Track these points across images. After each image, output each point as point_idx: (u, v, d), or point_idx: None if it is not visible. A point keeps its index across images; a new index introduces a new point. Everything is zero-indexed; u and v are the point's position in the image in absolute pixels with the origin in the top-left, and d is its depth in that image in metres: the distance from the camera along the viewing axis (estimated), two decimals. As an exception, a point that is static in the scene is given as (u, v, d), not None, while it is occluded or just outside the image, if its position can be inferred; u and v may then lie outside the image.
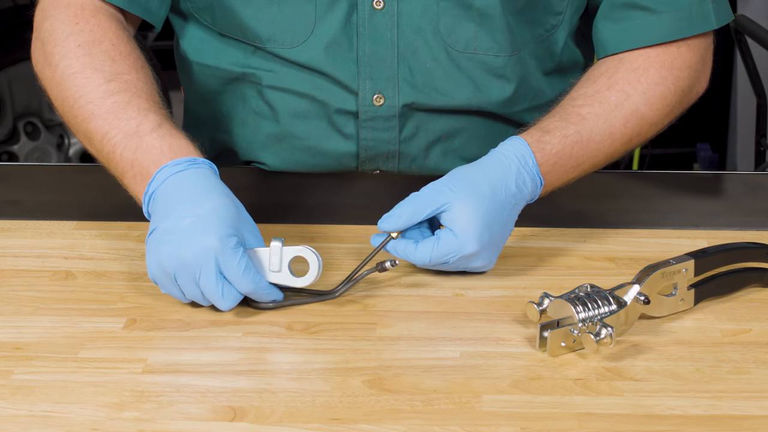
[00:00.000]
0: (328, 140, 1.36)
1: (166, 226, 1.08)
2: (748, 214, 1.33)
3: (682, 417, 0.94)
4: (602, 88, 1.26)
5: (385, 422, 0.93)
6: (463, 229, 1.13)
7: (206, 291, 1.07)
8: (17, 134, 2.98)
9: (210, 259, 1.06)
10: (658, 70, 1.28)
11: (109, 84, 1.20)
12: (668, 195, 1.37)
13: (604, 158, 1.26)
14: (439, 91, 1.34)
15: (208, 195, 1.10)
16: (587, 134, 1.24)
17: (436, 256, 1.13)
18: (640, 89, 1.26)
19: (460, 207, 1.14)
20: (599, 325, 1.01)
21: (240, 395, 0.96)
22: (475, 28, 1.31)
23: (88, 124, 1.19)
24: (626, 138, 1.26)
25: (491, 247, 1.15)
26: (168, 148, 1.14)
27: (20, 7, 2.87)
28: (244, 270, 1.07)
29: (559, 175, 1.23)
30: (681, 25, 1.29)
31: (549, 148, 1.21)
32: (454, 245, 1.13)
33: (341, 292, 1.13)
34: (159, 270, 1.08)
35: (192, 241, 1.06)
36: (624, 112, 1.26)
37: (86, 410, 0.94)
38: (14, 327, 1.08)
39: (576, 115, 1.24)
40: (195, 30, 1.39)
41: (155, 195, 1.12)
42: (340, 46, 1.32)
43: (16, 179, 1.44)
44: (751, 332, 1.07)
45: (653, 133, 1.30)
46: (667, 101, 1.28)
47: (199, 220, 1.07)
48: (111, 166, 1.19)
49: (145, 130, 1.16)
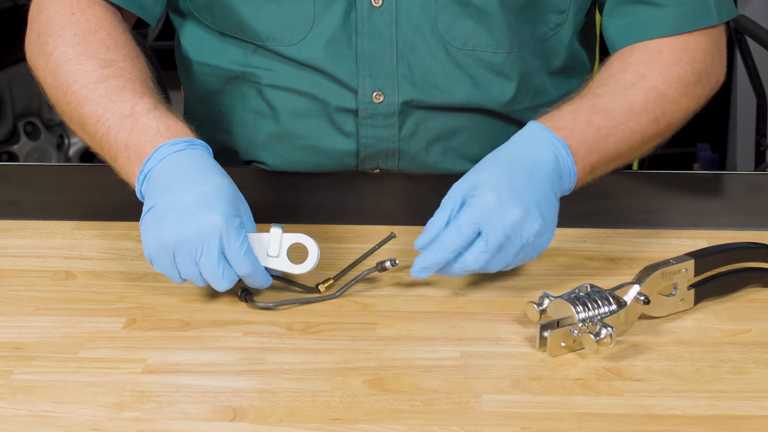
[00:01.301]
0: (328, 138, 1.36)
1: (166, 204, 1.07)
2: (748, 214, 1.33)
3: (682, 417, 0.94)
4: (616, 71, 1.25)
5: (385, 422, 0.93)
6: (493, 195, 1.07)
7: (206, 270, 1.06)
8: (17, 134, 2.98)
9: (213, 238, 1.05)
10: (672, 52, 1.27)
11: (104, 70, 1.20)
12: (668, 195, 1.37)
13: (632, 134, 1.21)
14: (438, 89, 1.34)
15: (209, 174, 1.09)
16: (604, 106, 1.20)
17: (465, 223, 1.07)
18: (655, 69, 1.25)
19: (481, 182, 1.09)
20: (599, 325, 1.01)
21: (240, 395, 0.96)
22: (473, 25, 1.32)
23: (81, 108, 1.19)
24: (651, 115, 1.23)
25: (521, 195, 1.08)
26: (165, 128, 1.13)
27: (20, 6, 2.87)
28: (246, 251, 1.06)
29: (583, 142, 1.16)
30: (685, 19, 1.28)
31: (559, 115, 1.17)
32: (492, 219, 1.07)
33: (342, 292, 1.13)
34: (157, 247, 1.07)
35: (195, 218, 1.05)
36: (642, 90, 1.23)
37: (86, 410, 0.94)
38: (14, 327, 1.08)
39: (590, 93, 1.22)
40: (195, 29, 1.39)
41: (151, 174, 1.11)
42: (339, 44, 1.32)
43: (16, 179, 1.44)
44: (751, 332, 1.07)
45: (680, 116, 1.26)
46: (684, 80, 1.26)
47: (202, 198, 1.06)
48: (104, 149, 1.18)
49: (140, 112, 1.15)
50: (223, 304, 1.12)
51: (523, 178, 1.10)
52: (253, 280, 1.09)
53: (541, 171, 1.12)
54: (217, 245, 1.05)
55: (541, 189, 1.11)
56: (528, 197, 1.09)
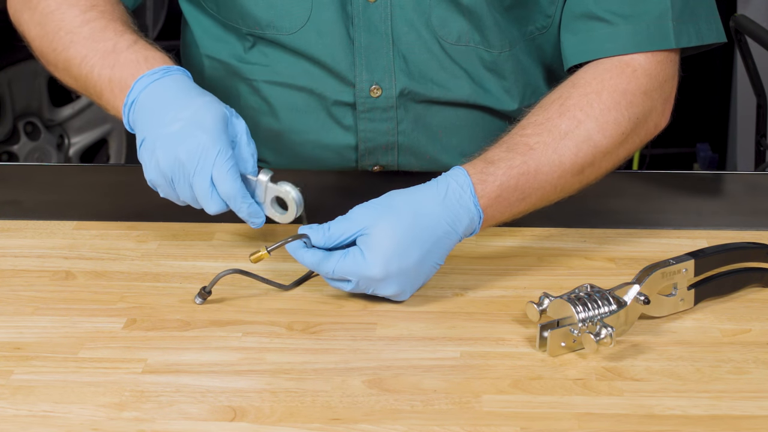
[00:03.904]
0: (327, 133, 1.37)
1: (156, 134, 1.13)
2: (748, 214, 1.33)
3: (682, 417, 0.94)
4: (553, 116, 1.21)
5: (385, 422, 0.93)
6: (371, 251, 1.07)
7: (197, 190, 1.11)
8: (17, 134, 2.98)
9: (202, 157, 1.10)
10: (611, 94, 1.22)
11: (86, 14, 1.25)
12: (668, 195, 1.37)
13: (552, 190, 1.19)
14: (435, 83, 1.35)
15: (189, 98, 1.15)
16: (534, 165, 1.16)
17: (339, 270, 1.08)
18: (592, 115, 1.20)
19: (376, 230, 1.08)
20: (599, 325, 1.01)
21: (240, 395, 0.96)
22: (466, 23, 1.32)
23: (67, 52, 1.24)
24: (578, 168, 1.20)
25: (401, 277, 1.09)
26: (144, 59, 1.19)
27: (20, 7, 2.87)
28: (230, 170, 1.10)
29: (503, 209, 1.16)
30: (638, 39, 1.25)
31: (492, 180, 1.14)
32: (358, 264, 1.08)
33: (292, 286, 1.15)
34: (157, 174, 1.13)
35: (185, 142, 1.11)
36: (575, 140, 1.19)
37: (86, 410, 0.94)
38: (14, 327, 1.08)
39: (523, 145, 1.18)
40: (201, 18, 1.42)
41: (135, 105, 1.16)
42: (336, 35, 1.33)
43: (16, 179, 1.44)
44: (751, 332, 1.07)
45: (608, 165, 1.23)
46: (621, 128, 1.22)
47: (186, 123, 1.12)
48: (89, 87, 1.23)
49: (121, 48, 1.21)
50: (223, 304, 1.12)
51: (419, 252, 1.09)
52: (238, 205, 1.12)
53: (442, 247, 1.11)
54: (206, 164, 1.10)
55: (429, 272, 1.12)
56: (412, 282, 1.10)
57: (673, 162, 3.36)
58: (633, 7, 1.26)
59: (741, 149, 3.24)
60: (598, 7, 1.27)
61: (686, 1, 1.27)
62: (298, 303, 1.12)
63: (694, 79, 1.73)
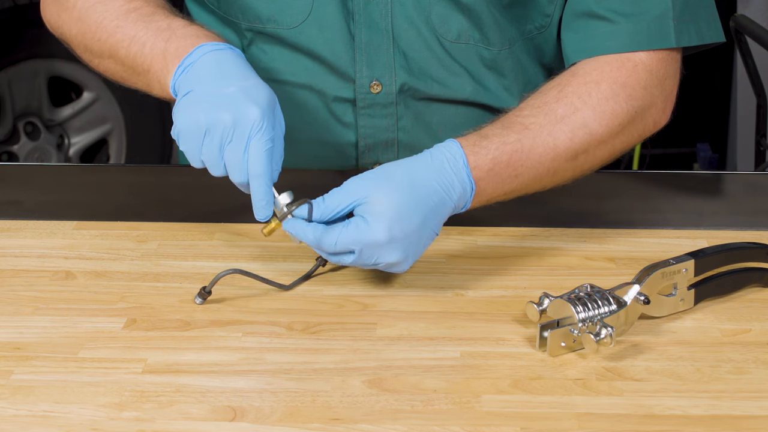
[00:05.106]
0: (328, 130, 1.37)
1: (206, 90, 1.10)
2: (748, 214, 1.33)
3: (682, 417, 0.94)
4: (551, 100, 1.22)
5: (385, 422, 0.93)
6: (373, 216, 1.08)
7: (230, 157, 1.08)
8: (17, 134, 2.98)
9: (246, 128, 1.08)
10: (610, 85, 1.23)
11: (130, 3, 1.24)
12: (668, 195, 1.37)
13: (546, 172, 1.19)
14: (435, 80, 1.35)
15: (249, 72, 1.13)
16: (528, 144, 1.18)
17: (342, 240, 1.08)
18: (590, 103, 1.21)
19: (375, 197, 1.09)
20: (599, 325, 1.01)
21: (240, 395, 0.96)
22: (465, 21, 1.33)
23: (113, 37, 1.23)
24: (571, 153, 1.20)
25: (405, 241, 1.09)
26: (204, 35, 1.17)
27: (20, 7, 2.87)
28: (266, 151, 1.08)
29: (495, 184, 1.16)
30: (638, 38, 1.25)
31: (484, 153, 1.15)
32: (361, 232, 1.08)
33: (294, 286, 1.15)
34: (190, 124, 1.09)
35: (235, 106, 1.08)
36: (571, 125, 1.20)
37: (86, 410, 0.94)
38: (14, 327, 1.08)
39: (519, 124, 1.19)
40: (200, 14, 1.42)
41: (191, 67, 1.14)
42: (337, 31, 1.33)
43: (16, 179, 1.44)
44: (751, 332, 1.07)
45: (603, 154, 1.24)
46: (618, 119, 1.22)
47: (243, 90, 1.10)
48: (137, 65, 1.20)
49: (177, 26, 1.19)
50: (223, 304, 1.12)
51: (420, 217, 1.09)
52: (259, 189, 1.09)
53: (439, 214, 1.12)
54: (246, 135, 1.08)
55: (428, 239, 1.12)
56: (415, 247, 1.10)
57: (673, 162, 3.36)
58: (634, 6, 1.26)
59: (741, 149, 3.24)
60: (599, 5, 1.27)
61: (687, 1, 1.27)
62: (298, 303, 1.12)
63: (694, 78, 1.73)
